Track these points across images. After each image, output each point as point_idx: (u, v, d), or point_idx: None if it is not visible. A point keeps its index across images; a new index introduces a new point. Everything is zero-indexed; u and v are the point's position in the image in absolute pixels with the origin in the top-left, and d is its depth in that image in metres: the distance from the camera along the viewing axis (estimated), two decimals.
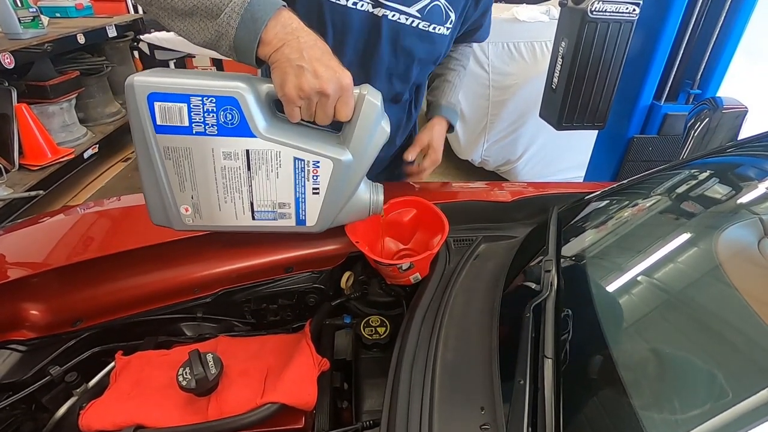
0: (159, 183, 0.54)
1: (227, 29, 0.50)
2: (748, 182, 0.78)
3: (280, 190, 0.57)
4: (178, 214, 0.56)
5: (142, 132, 0.51)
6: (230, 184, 0.55)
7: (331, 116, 0.54)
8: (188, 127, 0.51)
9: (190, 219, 0.57)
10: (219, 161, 0.53)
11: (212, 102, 0.51)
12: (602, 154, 1.81)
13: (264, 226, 0.59)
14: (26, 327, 0.74)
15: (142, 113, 0.50)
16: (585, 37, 1.44)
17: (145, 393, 0.61)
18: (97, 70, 3.12)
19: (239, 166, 0.54)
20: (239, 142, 0.53)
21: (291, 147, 0.55)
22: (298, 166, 0.56)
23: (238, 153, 0.53)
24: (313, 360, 0.63)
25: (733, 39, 1.52)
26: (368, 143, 0.57)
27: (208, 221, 0.57)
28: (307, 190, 0.57)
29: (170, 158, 0.53)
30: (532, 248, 0.80)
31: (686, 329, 0.55)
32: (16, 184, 2.37)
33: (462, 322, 0.67)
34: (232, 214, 0.57)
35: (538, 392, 0.49)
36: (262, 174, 0.55)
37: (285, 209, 0.58)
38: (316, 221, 0.61)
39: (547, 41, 2.52)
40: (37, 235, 0.86)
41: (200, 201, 0.56)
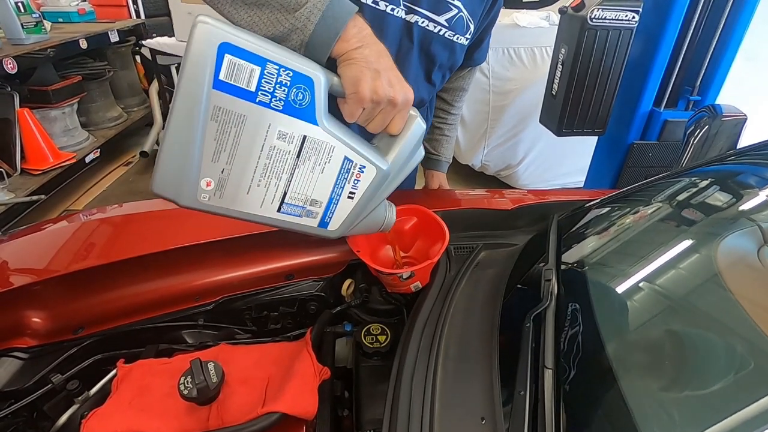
0: (188, 145, 0.45)
1: (306, 24, 0.49)
2: (748, 190, 0.79)
3: (318, 187, 0.53)
4: (194, 188, 0.47)
5: (194, 82, 0.44)
6: (272, 167, 0.49)
7: (385, 126, 0.54)
8: (253, 93, 0.45)
9: (207, 196, 0.48)
10: (271, 139, 0.48)
11: (288, 75, 0.47)
12: (602, 160, 1.82)
13: (283, 221, 0.54)
14: (28, 334, 0.74)
15: (204, 61, 0.43)
16: (585, 44, 1.45)
17: (146, 402, 0.62)
18: (99, 75, 3.13)
19: (290, 150, 0.49)
20: (299, 126, 0.49)
21: (346, 145, 0.52)
22: (345, 166, 0.53)
23: (294, 136, 0.49)
24: (314, 369, 0.63)
25: (732, 45, 1.52)
26: (406, 161, 0.58)
27: (227, 203, 0.50)
28: (344, 193, 0.55)
29: (217, 121, 0.45)
30: (532, 256, 0.80)
31: (687, 338, 0.55)
32: (18, 188, 2.38)
33: (462, 331, 0.67)
34: (259, 201, 0.51)
35: (538, 403, 0.49)
36: (309, 165, 0.51)
37: (315, 207, 0.54)
38: (339, 226, 0.57)
39: (548, 46, 2.53)
40: (39, 243, 0.87)
41: (230, 177, 0.48)
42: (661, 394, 0.48)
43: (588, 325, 0.59)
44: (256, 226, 0.83)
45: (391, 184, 0.59)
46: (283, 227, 0.54)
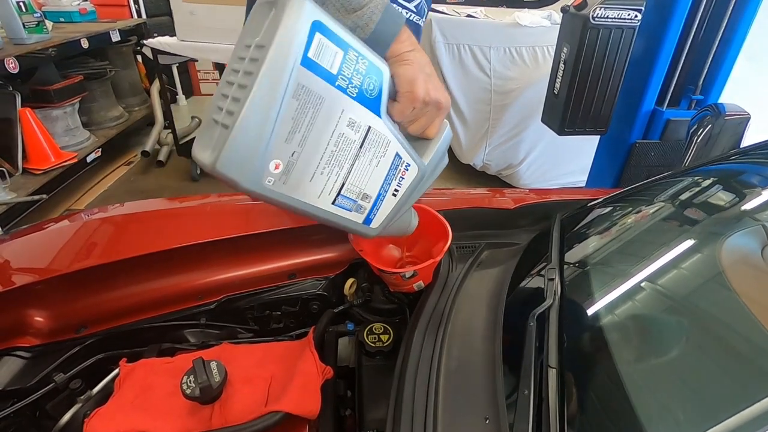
0: (265, 122, 0.43)
1: (368, 23, 0.50)
2: (751, 190, 0.78)
3: (371, 181, 0.53)
4: (261, 170, 0.44)
5: (283, 56, 0.42)
6: (337, 156, 0.49)
7: (425, 129, 0.56)
8: (334, 76, 0.45)
9: (272, 180, 0.45)
10: (341, 126, 0.47)
11: (364, 64, 0.47)
12: (604, 160, 1.82)
13: (334, 215, 0.53)
14: (31, 333, 0.74)
15: (297, 36, 0.42)
16: (587, 43, 1.45)
17: (149, 401, 0.61)
18: (100, 75, 3.13)
19: (355, 139, 0.49)
20: (366, 116, 0.49)
21: (398, 141, 0.53)
22: (395, 162, 0.54)
23: (361, 125, 0.49)
24: (317, 368, 0.63)
25: (735, 44, 1.52)
26: (437, 165, 0.59)
27: (289, 190, 0.47)
28: (390, 189, 0.55)
29: (298, 99, 0.44)
30: (535, 255, 0.80)
31: (690, 337, 0.55)
32: (20, 187, 2.38)
33: (465, 330, 0.67)
34: (318, 190, 0.49)
35: (542, 403, 0.49)
36: (368, 157, 0.51)
37: (365, 202, 0.54)
38: (380, 224, 0.57)
39: (549, 46, 2.53)
40: (41, 242, 0.87)
41: (298, 162, 0.46)
42: (665, 393, 0.48)
43: (591, 324, 0.59)
44: (257, 226, 0.83)
45: (423, 187, 0.59)
46: (330, 221, 0.53)
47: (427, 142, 0.57)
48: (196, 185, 3.08)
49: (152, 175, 3.22)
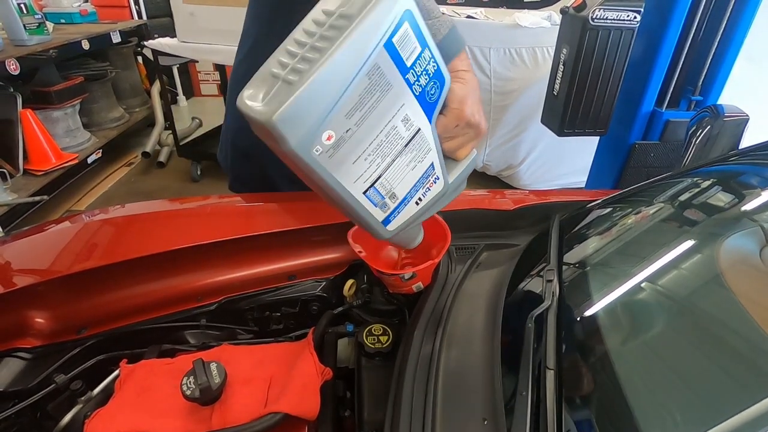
0: (335, 90, 0.42)
1: (436, 33, 0.52)
2: (750, 191, 0.78)
3: (403, 182, 0.53)
4: (313, 136, 0.43)
5: (371, 32, 0.42)
6: (384, 147, 0.49)
7: (459, 149, 0.57)
8: (407, 69, 0.46)
9: (320, 150, 0.44)
10: (397, 119, 0.48)
11: (434, 67, 0.48)
12: (604, 160, 1.82)
13: (360, 206, 0.52)
14: (31, 335, 0.74)
15: (388, 18, 0.42)
16: (586, 44, 1.45)
17: (149, 402, 0.62)
18: (101, 76, 3.15)
19: (404, 137, 0.49)
20: (420, 118, 0.49)
21: (437, 152, 0.54)
22: (428, 172, 0.54)
23: (413, 125, 0.49)
24: (316, 369, 0.63)
25: (734, 45, 1.52)
26: (457, 188, 0.60)
27: (331, 166, 0.46)
28: (416, 196, 0.56)
29: (370, 79, 0.43)
30: (534, 257, 0.81)
31: (689, 339, 0.55)
32: (21, 189, 2.39)
33: (464, 331, 0.67)
34: (356, 175, 0.49)
35: (540, 404, 0.49)
36: (408, 158, 0.51)
37: (391, 202, 0.54)
38: (395, 228, 0.57)
39: (549, 47, 2.53)
40: (42, 243, 0.87)
41: (350, 140, 0.46)
42: (663, 395, 0.48)
43: (590, 325, 0.59)
44: (257, 227, 0.83)
45: (439, 206, 0.60)
46: (353, 211, 0.52)
47: (455, 162, 0.58)
48: (196, 186, 3.09)
49: (153, 175, 3.23)
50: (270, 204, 0.95)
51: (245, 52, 0.98)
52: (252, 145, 1.03)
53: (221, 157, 1.14)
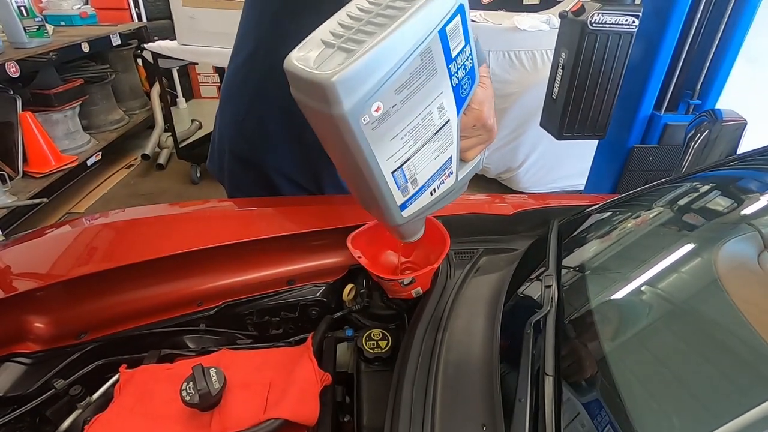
0: (391, 63, 0.44)
1: None
2: (748, 195, 0.79)
3: (425, 170, 0.55)
4: (365, 104, 0.44)
5: (431, 17, 0.45)
6: (419, 130, 0.51)
7: (470, 150, 0.59)
8: (451, 59, 0.49)
9: (367, 120, 0.45)
10: (434, 106, 0.50)
11: (470, 64, 0.51)
12: (603, 164, 1.82)
13: (386, 184, 0.53)
14: (31, 339, 0.74)
15: (446, 7, 0.46)
16: (585, 48, 1.46)
17: (148, 408, 0.62)
18: (101, 78, 3.15)
19: (436, 124, 0.52)
20: (452, 109, 0.52)
21: (456, 147, 0.56)
22: (446, 164, 0.57)
23: (445, 114, 0.52)
24: (316, 374, 0.64)
25: (732, 49, 1.53)
26: (461, 189, 0.63)
27: (373, 138, 0.47)
28: (432, 185, 0.57)
29: (422, 59, 0.46)
30: (532, 262, 0.81)
31: (687, 345, 0.55)
32: (20, 191, 2.39)
33: (463, 337, 0.67)
34: (390, 153, 0.50)
35: (538, 411, 0.49)
36: (435, 146, 0.54)
37: (411, 187, 0.55)
38: (409, 215, 0.58)
39: (548, 50, 2.54)
40: (42, 247, 0.87)
41: (394, 116, 0.47)
42: (662, 402, 0.48)
43: (588, 331, 0.59)
44: (257, 231, 0.84)
45: (442, 204, 0.61)
46: (377, 188, 0.53)
47: (463, 163, 0.60)
48: (196, 188, 3.10)
49: (152, 178, 3.23)
50: (269, 208, 0.95)
51: (245, 57, 0.98)
52: (251, 148, 1.03)
53: (213, 167, 1.13)
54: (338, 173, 0.87)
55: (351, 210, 0.90)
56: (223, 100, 1.06)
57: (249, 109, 0.99)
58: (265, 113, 0.99)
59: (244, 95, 1.00)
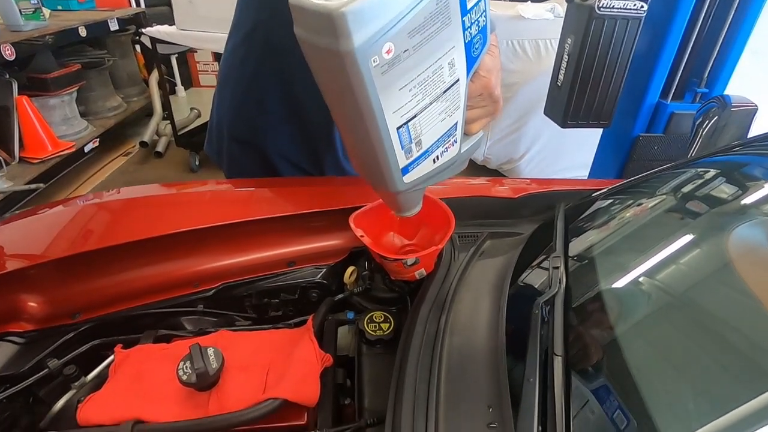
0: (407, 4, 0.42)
1: None
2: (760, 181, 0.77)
3: (430, 133, 0.52)
4: (376, 43, 0.41)
5: None
6: (428, 84, 0.48)
7: (474, 122, 0.57)
8: (466, 11, 0.46)
9: (377, 62, 0.42)
10: (445, 60, 0.47)
11: (484, 21, 0.49)
12: (607, 153, 1.80)
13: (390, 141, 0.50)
14: (24, 319, 0.73)
15: None
16: (592, 33, 1.42)
17: (144, 387, 0.60)
18: (98, 64, 3.11)
19: (445, 82, 0.49)
20: (462, 68, 0.49)
21: (462, 113, 0.53)
22: (451, 131, 0.54)
23: (455, 71, 0.49)
24: (316, 356, 0.62)
25: (741, 37, 1.50)
26: (462, 164, 0.60)
27: (381, 84, 0.44)
28: (436, 152, 0.55)
29: (437, 5, 0.43)
30: (538, 245, 0.79)
31: (700, 327, 0.54)
32: (17, 176, 2.37)
33: (468, 319, 0.66)
34: (396, 106, 0.48)
35: (547, 390, 0.48)
36: (442, 107, 0.51)
37: (416, 149, 0.53)
38: (410, 182, 0.56)
39: (552, 39, 2.51)
40: (35, 227, 0.85)
41: (405, 62, 0.45)
42: (674, 381, 0.47)
43: (597, 312, 0.58)
44: (256, 212, 0.82)
45: (443, 176, 0.59)
46: (380, 146, 0.50)
47: (465, 136, 0.58)
48: (194, 176, 3.07)
49: (151, 166, 3.21)
50: (269, 189, 0.93)
51: (243, 36, 0.95)
52: (251, 131, 1.01)
53: (211, 151, 1.12)
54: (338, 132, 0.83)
55: (352, 191, 0.88)
56: (221, 81, 1.03)
57: (248, 90, 0.97)
58: (265, 94, 0.96)
59: (242, 75, 0.97)
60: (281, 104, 0.97)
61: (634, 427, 0.43)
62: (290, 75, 0.93)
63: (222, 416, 0.54)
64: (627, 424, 0.44)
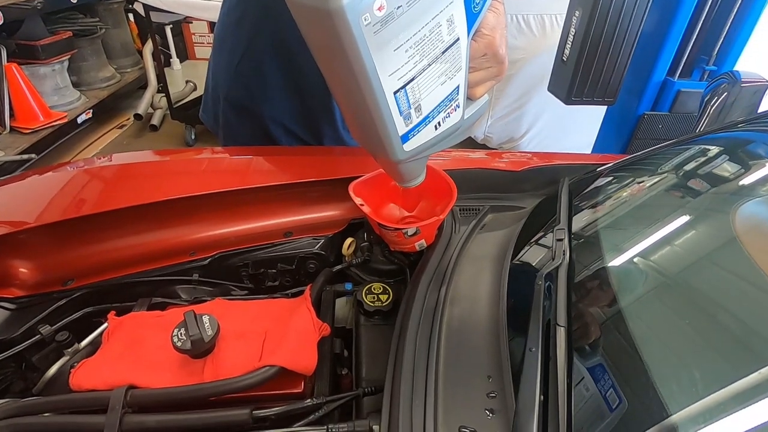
0: None
1: None
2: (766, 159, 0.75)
3: (431, 97, 0.49)
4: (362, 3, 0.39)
5: None
6: (425, 44, 0.45)
7: (478, 85, 0.54)
8: None
9: (368, 21, 0.40)
10: (442, 17, 0.44)
11: None
12: (611, 131, 1.77)
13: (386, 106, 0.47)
14: (15, 285, 0.71)
15: None
16: (600, 7, 1.38)
17: (138, 354, 0.59)
18: (90, 32, 3.01)
19: (444, 41, 0.46)
20: (461, 26, 0.46)
21: (465, 74, 0.50)
22: (453, 95, 0.51)
23: (455, 29, 0.46)
24: (314, 324, 0.61)
25: (753, 13, 1.46)
26: (466, 131, 0.57)
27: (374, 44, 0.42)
28: (437, 118, 0.52)
29: None
30: (541, 219, 0.78)
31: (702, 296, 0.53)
32: (8, 147, 2.32)
33: (468, 290, 0.64)
34: (393, 68, 0.45)
35: (549, 361, 0.47)
36: (441, 69, 0.48)
37: (415, 115, 0.50)
38: (411, 149, 0.53)
39: (558, 15, 2.44)
40: (26, 192, 0.83)
41: (398, 20, 0.42)
42: (677, 352, 0.46)
43: (601, 283, 0.57)
44: (253, 180, 0.80)
45: (447, 144, 0.56)
46: (378, 112, 0.47)
47: (469, 101, 0.54)
48: None
49: (145, 139, 3.15)
50: (267, 157, 0.91)
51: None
52: (248, 96, 0.97)
53: (207, 117, 1.09)
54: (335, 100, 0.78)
55: (351, 161, 0.85)
56: (217, 44, 1.00)
57: (245, 53, 0.93)
58: (262, 57, 0.93)
59: (239, 37, 0.94)
60: (280, 69, 0.93)
61: (638, 398, 0.43)
62: (288, 43, 0.90)
63: (217, 383, 0.53)
64: (630, 394, 0.43)
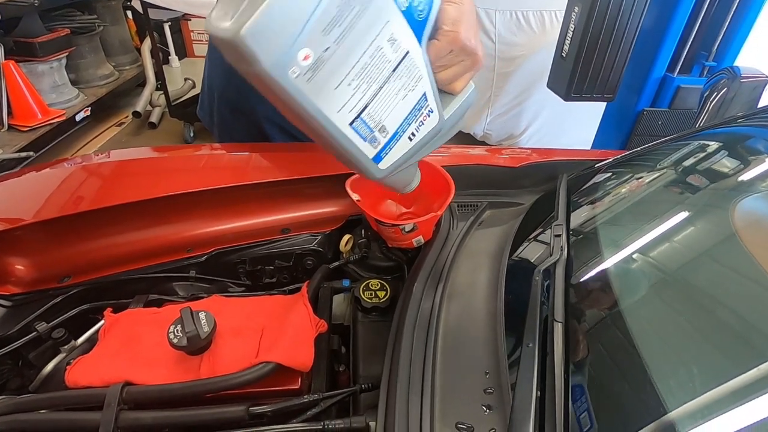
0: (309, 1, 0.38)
1: None
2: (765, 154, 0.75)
3: (393, 114, 0.48)
4: (288, 54, 0.38)
5: None
6: (370, 71, 0.44)
7: (454, 81, 0.51)
8: None
9: (297, 73, 0.39)
10: (382, 38, 0.43)
11: None
12: (610, 127, 1.77)
13: (347, 139, 0.47)
14: (11, 282, 0.71)
15: None
16: (599, 3, 1.37)
17: (134, 350, 0.59)
18: (88, 29, 3.00)
19: (391, 60, 0.44)
20: (408, 39, 0.44)
21: (429, 81, 0.48)
22: (421, 103, 0.49)
23: (401, 46, 0.44)
24: (311, 321, 0.61)
25: (753, 9, 1.45)
26: (454, 126, 0.55)
27: (311, 91, 0.41)
28: (408, 131, 0.51)
29: None
30: (539, 215, 0.77)
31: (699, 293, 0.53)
32: (6, 144, 2.31)
33: (466, 286, 0.64)
34: (340, 104, 0.44)
35: (546, 356, 0.47)
36: (397, 85, 0.46)
37: (381, 136, 0.49)
38: (388, 166, 0.52)
39: (558, 11, 2.43)
40: (22, 188, 0.82)
41: (330, 60, 0.41)
42: (675, 348, 0.46)
43: (599, 279, 0.56)
44: (250, 177, 0.79)
45: (435, 144, 0.55)
46: (340, 146, 0.47)
47: (451, 97, 0.53)
48: None
49: (144, 136, 3.14)
50: (264, 154, 0.90)
51: None
52: (241, 96, 0.97)
53: (203, 114, 1.09)
54: None
55: None
56: (212, 44, 0.99)
57: None
58: None
59: None
60: None
61: (636, 394, 0.42)
62: None
63: (213, 379, 0.53)
64: (628, 391, 0.43)
